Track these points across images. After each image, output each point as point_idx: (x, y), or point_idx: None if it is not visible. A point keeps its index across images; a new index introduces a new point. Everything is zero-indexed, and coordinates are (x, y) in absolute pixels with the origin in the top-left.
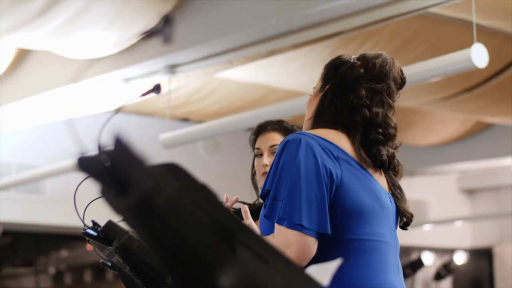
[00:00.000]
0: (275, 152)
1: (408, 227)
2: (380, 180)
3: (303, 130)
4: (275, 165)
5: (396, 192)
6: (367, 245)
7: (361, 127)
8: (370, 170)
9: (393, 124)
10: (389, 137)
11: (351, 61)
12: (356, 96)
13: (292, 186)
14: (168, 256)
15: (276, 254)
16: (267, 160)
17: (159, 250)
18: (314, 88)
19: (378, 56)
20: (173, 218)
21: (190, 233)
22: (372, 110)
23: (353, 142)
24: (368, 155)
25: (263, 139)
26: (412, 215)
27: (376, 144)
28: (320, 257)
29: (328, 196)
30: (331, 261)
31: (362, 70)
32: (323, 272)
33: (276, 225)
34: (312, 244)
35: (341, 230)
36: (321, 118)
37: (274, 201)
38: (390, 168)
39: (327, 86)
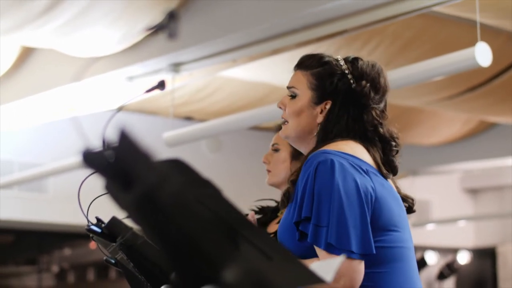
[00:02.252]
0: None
1: (412, 212)
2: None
3: (296, 136)
4: (310, 189)
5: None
6: (398, 253)
7: (378, 143)
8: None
9: (398, 136)
10: (399, 148)
11: (343, 70)
12: (370, 116)
13: (337, 212)
14: (172, 251)
15: (279, 251)
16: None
17: (163, 245)
18: (291, 90)
19: (378, 70)
20: (177, 213)
21: (194, 229)
22: (383, 127)
23: (371, 152)
24: (384, 165)
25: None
26: (413, 200)
27: (392, 155)
28: None
29: (369, 215)
30: (366, 267)
31: (372, 90)
32: (326, 268)
33: (324, 252)
34: (362, 269)
35: (377, 241)
36: (331, 133)
37: (317, 228)
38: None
39: (328, 101)
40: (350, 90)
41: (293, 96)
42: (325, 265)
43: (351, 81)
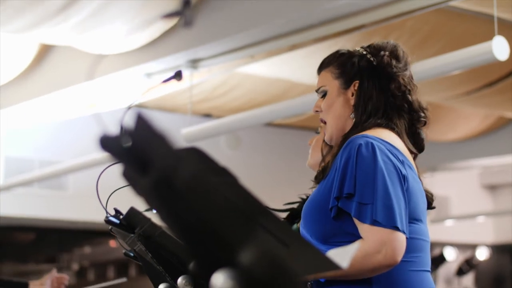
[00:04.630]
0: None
1: (431, 208)
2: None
3: (336, 129)
4: (352, 169)
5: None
6: (419, 244)
7: (406, 115)
8: (413, 162)
9: (427, 107)
10: (427, 120)
11: (361, 52)
12: (398, 83)
13: (383, 191)
14: (188, 236)
15: (296, 239)
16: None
17: (179, 230)
18: (321, 90)
19: (394, 43)
20: (193, 198)
21: (211, 214)
22: (412, 95)
23: (401, 135)
24: (412, 143)
25: None
26: (432, 195)
27: (419, 127)
28: None
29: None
30: None
31: (393, 59)
32: (343, 255)
33: (367, 226)
34: (404, 243)
35: None
36: (364, 113)
37: (361, 205)
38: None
39: (356, 81)
40: (373, 66)
41: (324, 95)
42: (341, 252)
43: (371, 59)
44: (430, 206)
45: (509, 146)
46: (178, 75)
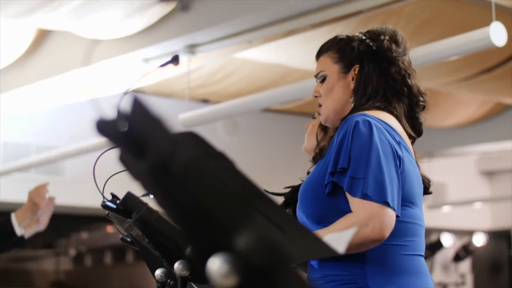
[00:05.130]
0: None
1: (428, 193)
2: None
3: (334, 111)
4: (347, 144)
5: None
6: (413, 228)
7: (405, 99)
8: (411, 146)
9: (425, 92)
10: (426, 104)
11: (360, 37)
12: (398, 68)
13: (376, 167)
14: (185, 220)
15: (293, 224)
16: None
17: (176, 214)
18: (320, 75)
19: (392, 28)
20: (190, 182)
21: (208, 198)
22: (412, 79)
23: (400, 119)
24: (411, 127)
25: None
26: (429, 180)
27: (418, 111)
28: None
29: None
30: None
31: (393, 43)
32: (339, 240)
33: (358, 200)
34: (394, 219)
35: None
36: (364, 96)
37: (354, 179)
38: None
39: (356, 65)
40: (373, 51)
41: (323, 80)
42: (338, 237)
43: (371, 44)
44: (426, 191)
45: (506, 132)
46: (175, 60)
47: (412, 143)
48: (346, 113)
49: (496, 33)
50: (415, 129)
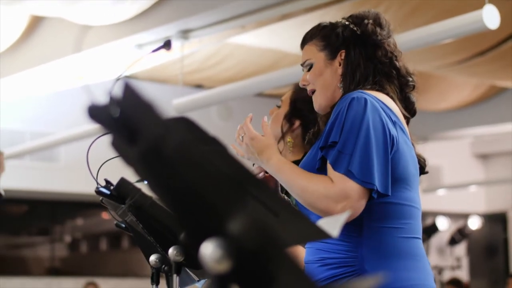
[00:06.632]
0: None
1: (424, 173)
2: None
3: (325, 99)
4: (340, 119)
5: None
6: (408, 211)
7: (395, 80)
8: (406, 127)
9: (414, 72)
10: (415, 84)
11: (344, 23)
12: (384, 50)
13: (364, 145)
14: (177, 205)
15: (286, 207)
16: None
17: (168, 199)
18: (307, 63)
19: (375, 12)
20: (183, 168)
21: (200, 182)
22: (399, 61)
23: (394, 99)
24: (404, 107)
25: None
26: (425, 160)
27: (408, 91)
28: (364, 216)
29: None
30: (373, 220)
31: (377, 26)
32: (332, 224)
33: (339, 175)
34: (365, 202)
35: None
36: (353, 82)
37: (340, 154)
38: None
39: (342, 51)
40: (357, 35)
41: (310, 68)
42: (331, 221)
43: (355, 29)
44: (422, 171)
45: (500, 115)
46: (167, 45)
47: (407, 123)
48: (336, 99)
49: (489, 16)
50: (408, 109)
